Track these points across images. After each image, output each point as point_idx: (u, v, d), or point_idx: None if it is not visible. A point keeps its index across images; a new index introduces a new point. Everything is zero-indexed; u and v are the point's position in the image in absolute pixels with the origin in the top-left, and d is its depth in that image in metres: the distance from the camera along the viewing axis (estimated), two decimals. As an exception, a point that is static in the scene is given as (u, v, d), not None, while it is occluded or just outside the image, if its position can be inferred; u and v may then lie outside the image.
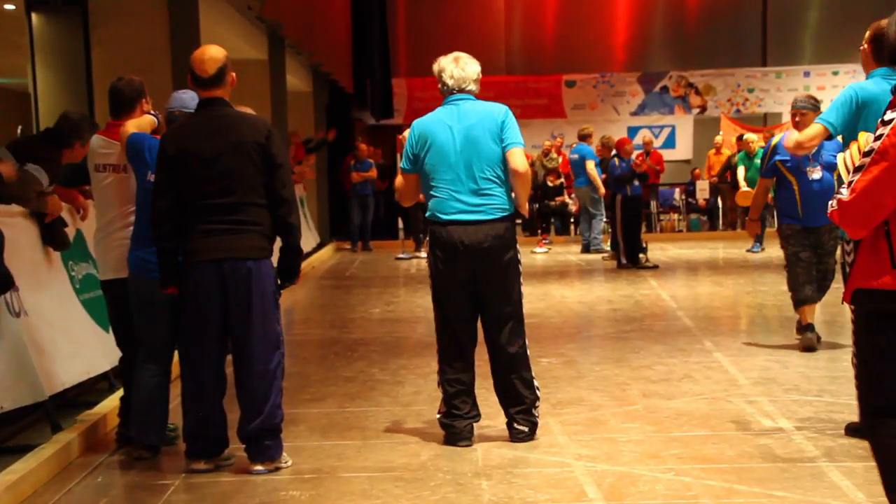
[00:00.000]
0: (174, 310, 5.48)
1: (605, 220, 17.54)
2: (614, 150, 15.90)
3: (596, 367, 7.95)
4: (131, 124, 5.78)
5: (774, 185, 8.51)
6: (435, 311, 5.90)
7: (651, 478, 5.11)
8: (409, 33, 26.17)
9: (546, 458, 5.50)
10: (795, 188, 8.19)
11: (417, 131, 5.80)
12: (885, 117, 3.55)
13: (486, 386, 6.29)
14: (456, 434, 5.79)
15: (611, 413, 6.47)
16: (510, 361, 5.76)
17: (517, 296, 5.78)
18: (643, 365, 7.95)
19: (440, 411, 5.89)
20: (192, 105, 5.66)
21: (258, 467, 5.37)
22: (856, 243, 5.49)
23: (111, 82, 6.07)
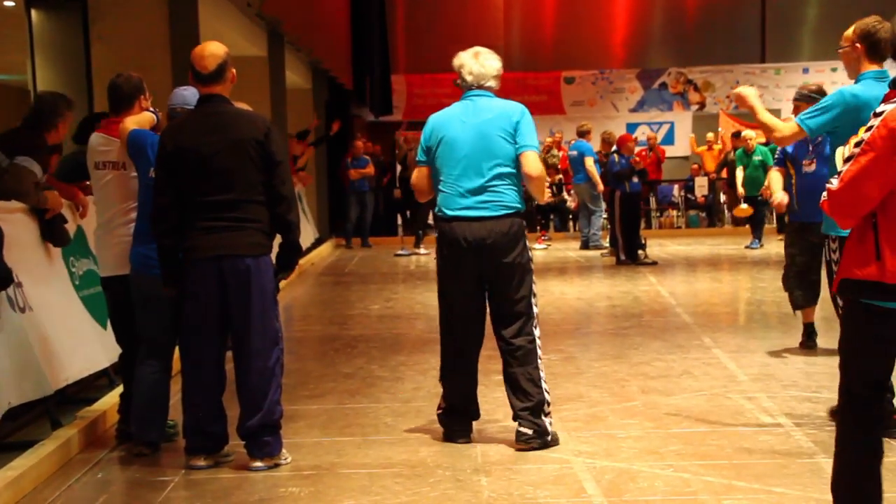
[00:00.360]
0: (175, 306, 5.49)
1: (604, 216, 17.55)
2: (614, 147, 15.91)
3: (595, 363, 7.96)
4: (130, 121, 5.78)
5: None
6: (440, 308, 5.84)
7: (650, 474, 5.12)
8: (408, 30, 26.16)
9: (545, 454, 5.50)
10: (793, 180, 8.19)
11: (431, 125, 5.77)
12: (878, 110, 3.66)
13: (485, 382, 6.31)
14: (454, 431, 5.78)
15: (610, 409, 6.48)
16: (516, 355, 5.63)
17: (526, 293, 5.64)
18: (642, 361, 7.95)
19: (440, 407, 5.88)
20: (193, 102, 5.66)
21: (257, 464, 5.37)
22: (841, 241, 5.51)
23: (110, 79, 6.07)
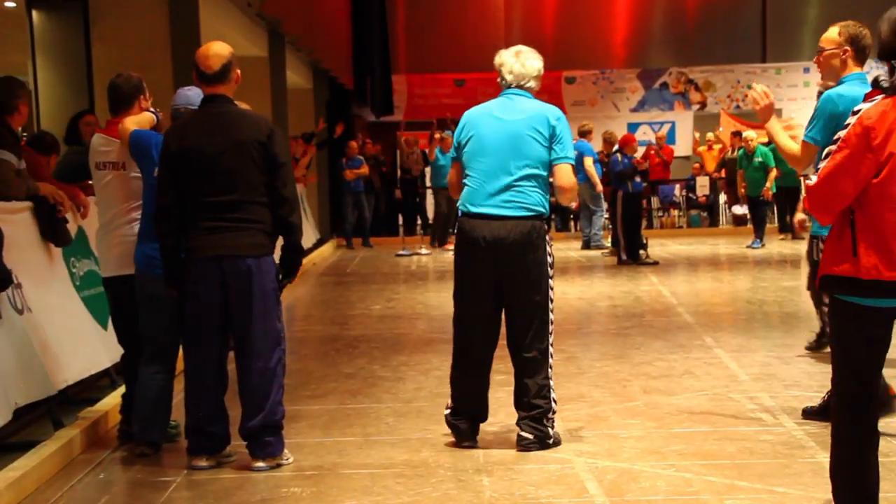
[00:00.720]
0: (178, 307, 5.49)
1: (605, 216, 17.56)
2: (616, 146, 15.94)
3: (596, 363, 7.95)
4: (130, 121, 5.77)
5: None
6: (453, 305, 5.71)
7: (652, 474, 5.12)
8: (408, 30, 26.16)
9: (547, 454, 5.49)
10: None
11: (465, 120, 5.67)
12: (856, 108, 3.74)
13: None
14: (459, 434, 5.70)
15: (611, 409, 6.48)
16: (526, 364, 5.54)
17: (541, 299, 5.50)
18: (644, 361, 7.95)
19: (447, 407, 5.77)
20: (196, 101, 5.66)
21: (259, 464, 5.37)
22: None
23: (110, 79, 6.07)
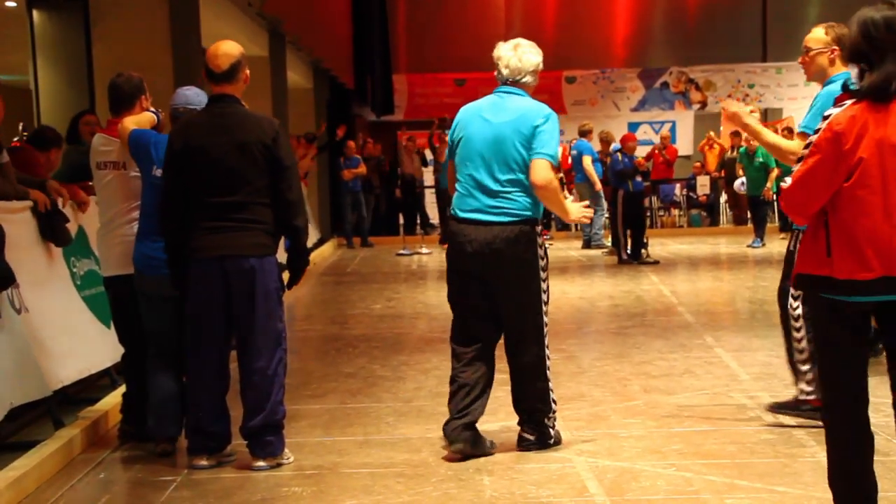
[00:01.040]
0: (179, 306, 5.49)
1: (605, 215, 17.56)
2: (615, 145, 15.99)
3: (597, 362, 7.95)
4: (130, 121, 5.77)
5: None
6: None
7: (652, 473, 5.12)
8: (409, 29, 26.15)
9: (548, 453, 5.49)
10: None
11: (458, 119, 5.52)
12: (826, 113, 3.79)
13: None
14: (445, 433, 5.47)
15: (612, 408, 6.48)
16: (522, 370, 5.46)
17: (532, 302, 5.37)
18: (644, 360, 7.95)
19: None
20: (195, 101, 5.66)
21: (260, 463, 5.37)
22: None
23: (110, 79, 6.07)
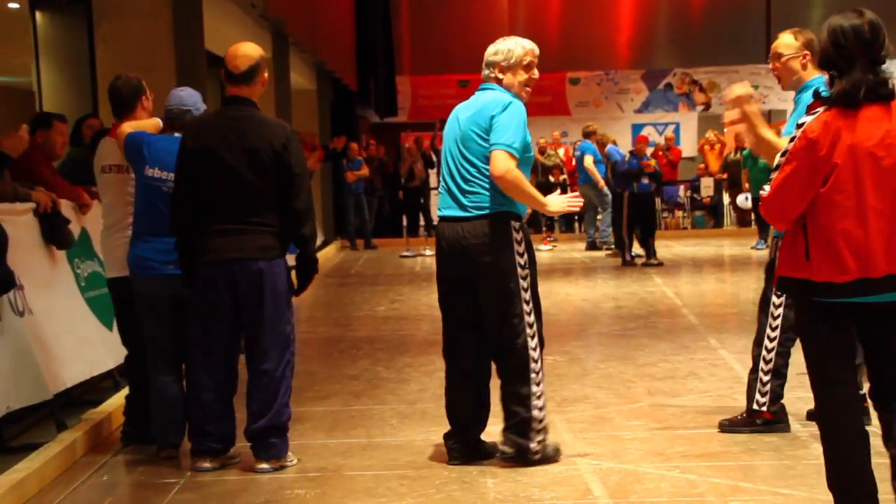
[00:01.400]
0: (177, 308, 5.48)
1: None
2: (611, 146, 16.76)
3: (601, 364, 7.94)
4: (129, 126, 5.76)
5: None
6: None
7: (656, 475, 5.11)
8: (412, 31, 26.16)
9: (551, 455, 5.49)
10: None
11: (448, 119, 5.50)
12: (800, 121, 3.83)
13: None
14: (450, 455, 5.39)
15: (616, 411, 6.47)
16: (503, 371, 5.32)
17: (509, 301, 5.19)
18: (648, 362, 7.94)
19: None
20: (189, 102, 5.67)
21: (264, 466, 5.36)
22: None
23: (110, 82, 6.07)
